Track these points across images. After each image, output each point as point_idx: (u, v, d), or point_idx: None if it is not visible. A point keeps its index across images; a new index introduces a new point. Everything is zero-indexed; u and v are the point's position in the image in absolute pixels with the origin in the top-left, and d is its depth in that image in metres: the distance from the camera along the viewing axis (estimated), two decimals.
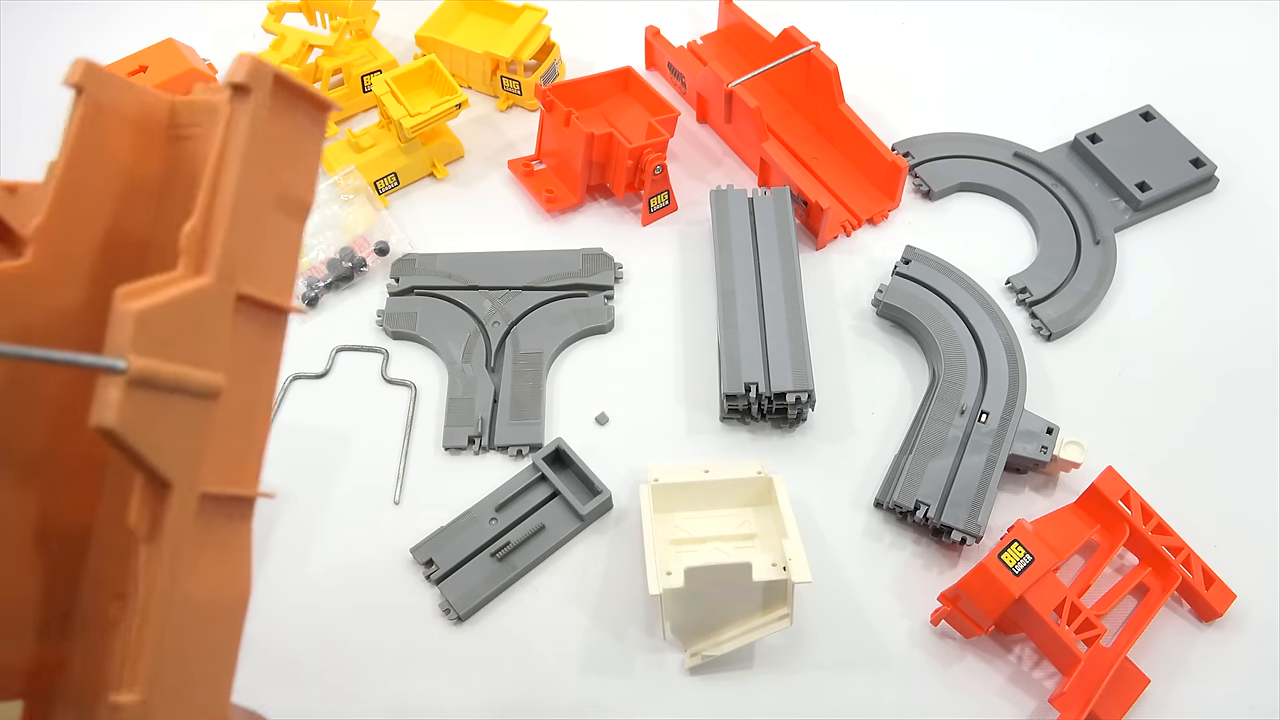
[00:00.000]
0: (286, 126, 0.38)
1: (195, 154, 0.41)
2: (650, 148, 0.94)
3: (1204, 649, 0.75)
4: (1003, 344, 0.85)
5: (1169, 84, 1.10)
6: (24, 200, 0.41)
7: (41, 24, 1.19)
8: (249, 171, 0.37)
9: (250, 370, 0.38)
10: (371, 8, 1.07)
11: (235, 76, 0.36)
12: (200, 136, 0.41)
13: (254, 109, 0.37)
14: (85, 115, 0.39)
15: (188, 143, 0.42)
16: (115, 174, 0.40)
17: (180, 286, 0.34)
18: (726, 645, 0.72)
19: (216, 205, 0.36)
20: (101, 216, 0.40)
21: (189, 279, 0.35)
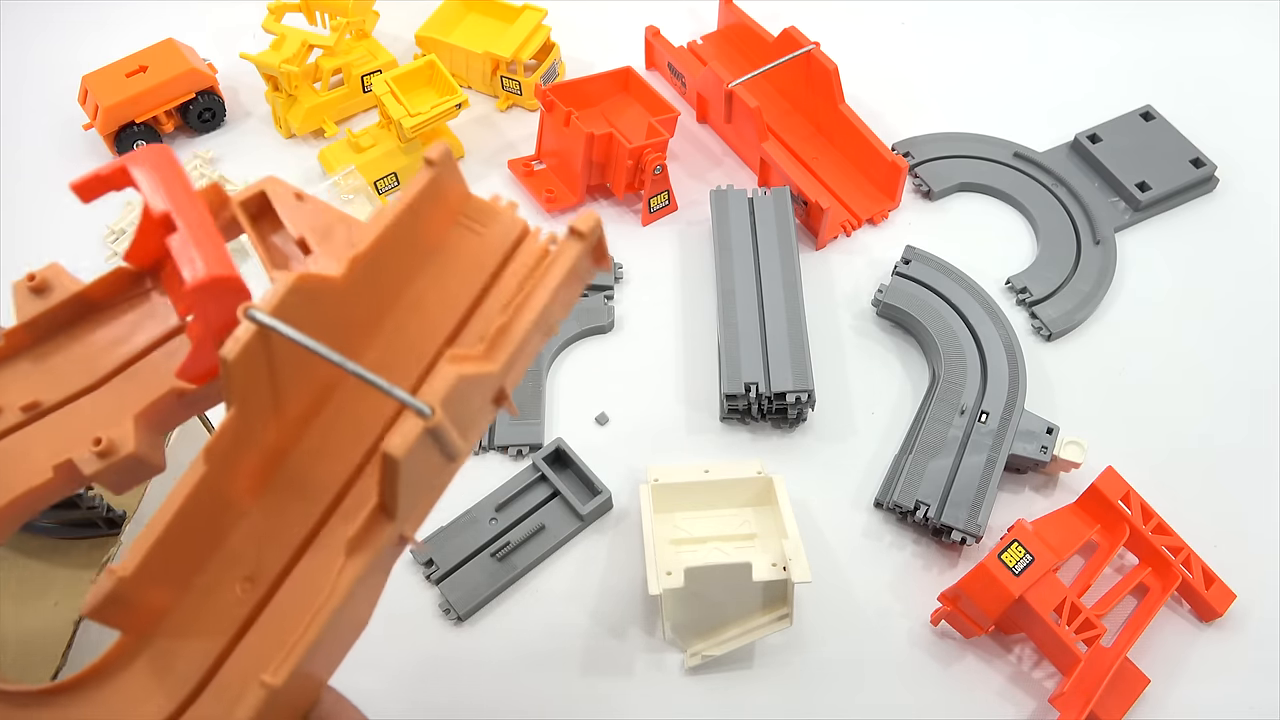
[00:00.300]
0: (583, 269, 0.47)
1: (468, 247, 0.50)
2: (650, 148, 0.94)
3: (1204, 649, 0.75)
4: (1003, 344, 0.85)
5: (1169, 84, 1.10)
6: (310, 211, 0.48)
7: (41, 24, 1.19)
8: (554, 295, 0.45)
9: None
10: (371, 8, 1.07)
11: (580, 225, 0.45)
12: (480, 234, 0.50)
13: (581, 252, 0.46)
14: (427, 189, 0.46)
15: (467, 234, 0.50)
16: (416, 236, 0.47)
17: (479, 366, 0.42)
18: (726, 645, 0.72)
19: (524, 311, 0.44)
20: (392, 265, 0.47)
21: (485, 362, 0.42)
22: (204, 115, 1.06)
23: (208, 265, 0.44)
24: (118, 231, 0.96)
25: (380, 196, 1.00)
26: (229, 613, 0.46)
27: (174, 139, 1.08)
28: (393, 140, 1.00)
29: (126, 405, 0.47)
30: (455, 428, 0.41)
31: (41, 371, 0.49)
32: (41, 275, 0.49)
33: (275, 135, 1.08)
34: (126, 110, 1.01)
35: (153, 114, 1.03)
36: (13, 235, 1.00)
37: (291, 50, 1.02)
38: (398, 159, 1.01)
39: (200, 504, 0.44)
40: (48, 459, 0.46)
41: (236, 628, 0.46)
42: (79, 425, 0.48)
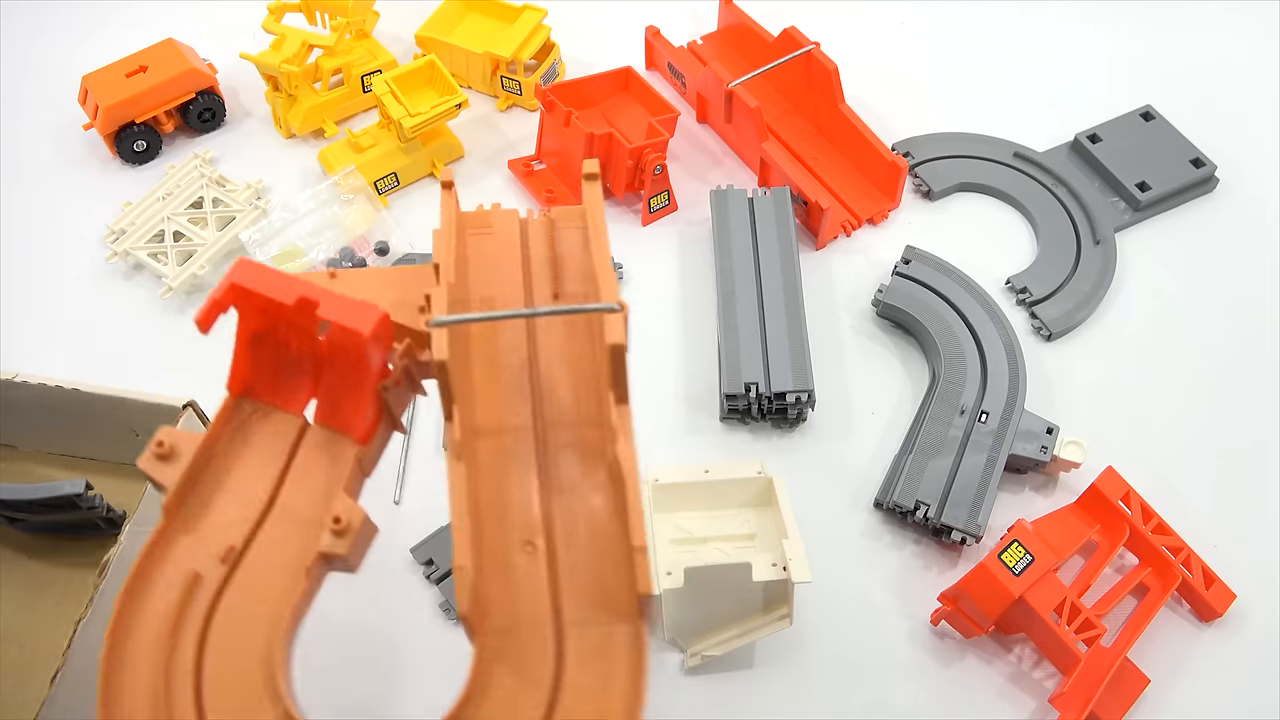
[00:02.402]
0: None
1: (489, 246, 0.60)
2: (650, 148, 0.94)
3: (1204, 649, 0.75)
4: (1003, 344, 0.85)
5: (1169, 84, 1.10)
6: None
7: (41, 24, 1.19)
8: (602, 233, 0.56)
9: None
10: (371, 8, 1.07)
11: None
12: (491, 234, 0.61)
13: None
14: (457, 208, 0.58)
15: (484, 238, 0.61)
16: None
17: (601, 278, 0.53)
18: (726, 645, 0.72)
19: (597, 254, 0.55)
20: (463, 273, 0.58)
21: (608, 286, 0.53)
22: (204, 115, 1.06)
23: (368, 311, 0.51)
24: (117, 231, 0.96)
25: (380, 196, 1.00)
26: (532, 581, 0.50)
27: (174, 139, 1.08)
28: (393, 140, 1.00)
29: (314, 503, 0.52)
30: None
31: (207, 525, 0.51)
32: (168, 443, 0.51)
33: (275, 135, 1.08)
34: (126, 110, 1.01)
35: (153, 114, 1.03)
36: (13, 235, 1.00)
37: (291, 50, 1.02)
38: (398, 159, 1.01)
39: (474, 487, 0.52)
40: (290, 573, 0.50)
41: (547, 591, 0.50)
42: (285, 539, 0.51)
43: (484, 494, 0.52)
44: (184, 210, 0.98)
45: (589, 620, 0.50)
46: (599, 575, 0.51)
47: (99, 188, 1.03)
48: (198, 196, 0.99)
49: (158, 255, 0.95)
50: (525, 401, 0.55)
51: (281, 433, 0.54)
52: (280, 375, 0.55)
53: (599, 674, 0.48)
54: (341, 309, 0.51)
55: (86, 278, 0.96)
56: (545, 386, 0.56)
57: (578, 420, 0.55)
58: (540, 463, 0.54)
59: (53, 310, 0.94)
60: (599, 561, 0.51)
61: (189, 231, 0.96)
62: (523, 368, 0.56)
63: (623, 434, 0.52)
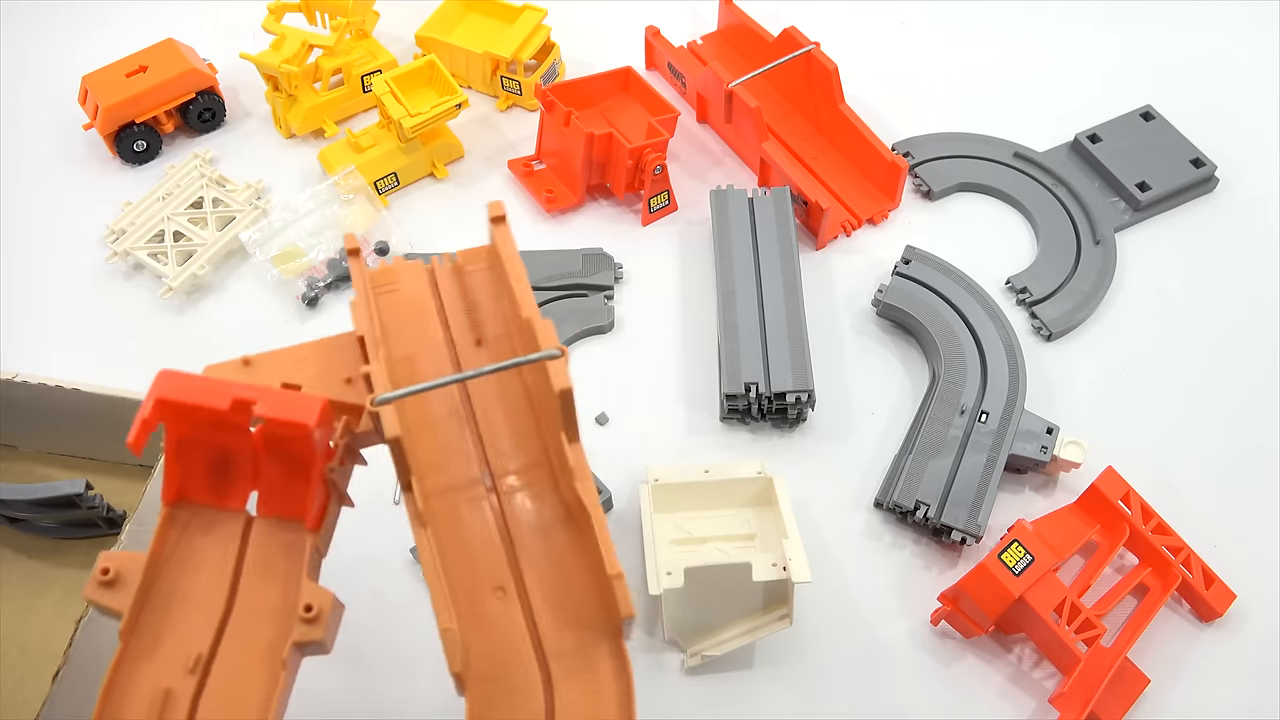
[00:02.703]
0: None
1: (397, 302, 0.62)
2: (650, 148, 0.94)
3: (1204, 649, 0.75)
4: (1003, 344, 0.85)
5: (1169, 84, 1.10)
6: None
7: (41, 24, 1.19)
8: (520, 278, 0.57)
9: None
10: (371, 8, 1.07)
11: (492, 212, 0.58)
12: (398, 290, 0.62)
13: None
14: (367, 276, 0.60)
15: (391, 295, 0.62)
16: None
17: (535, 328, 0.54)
18: (726, 645, 0.72)
19: (518, 299, 0.57)
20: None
21: (538, 324, 0.54)
22: (204, 115, 1.06)
23: (308, 402, 0.52)
24: (117, 231, 0.96)
25: (380, 196, 1.00)
26: (510, 624, 0.53)
27: (174, 139, 1.08)
28: (393, 140, 1.00)
29: (277, 594, 0.53)
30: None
31: (169, 640, 0.51)
32: (113, 568, 0.51)
33: (275, 135, 1.08)
34: (126, 110, 1.01)
35: (153, 114, 1.03)
36: (13, 235, 1.00)
37: (291, 50, 1.02)
38: (398, 159, 1.01)
39: (442, 548, 0.53)
40: (266, 667, 0.51)
41: (526, 631, 0.53)
42: (254, 636, 0.52)
43: (450, 551, 0.54)
44: (184, 210, 0.98)
45: (570, 651, 0.52)
46: (573, 605, 0.53)
47: (99, 188, 1.03)
48: (198, 196, 0.99)
49: (158, 255, 0.95)
50: (470, 454, 0.57)
51: (227, 533, 0.55)
52: (215, 476, 0.55)
53: (589, 698, 0.51)
54: (280, 404, 0.52)
55: (86, 278, 0.96)
56: (485, 434, 0.58)
57: (525, 465, 0.57)
58: (496, 510, 0.56)
59: (53, 310, 0.94)
60: (570, 593, 0.53)
61: (189, 231, 0.96)
62: (455, 417, 0.58)
63: (579, 473, 0.53)
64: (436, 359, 0.59)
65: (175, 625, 0.52)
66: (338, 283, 0.94)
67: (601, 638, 0.52)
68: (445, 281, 0.62)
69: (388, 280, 0.63)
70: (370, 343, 0.55)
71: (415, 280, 0.63)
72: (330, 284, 0.94)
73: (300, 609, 0.50)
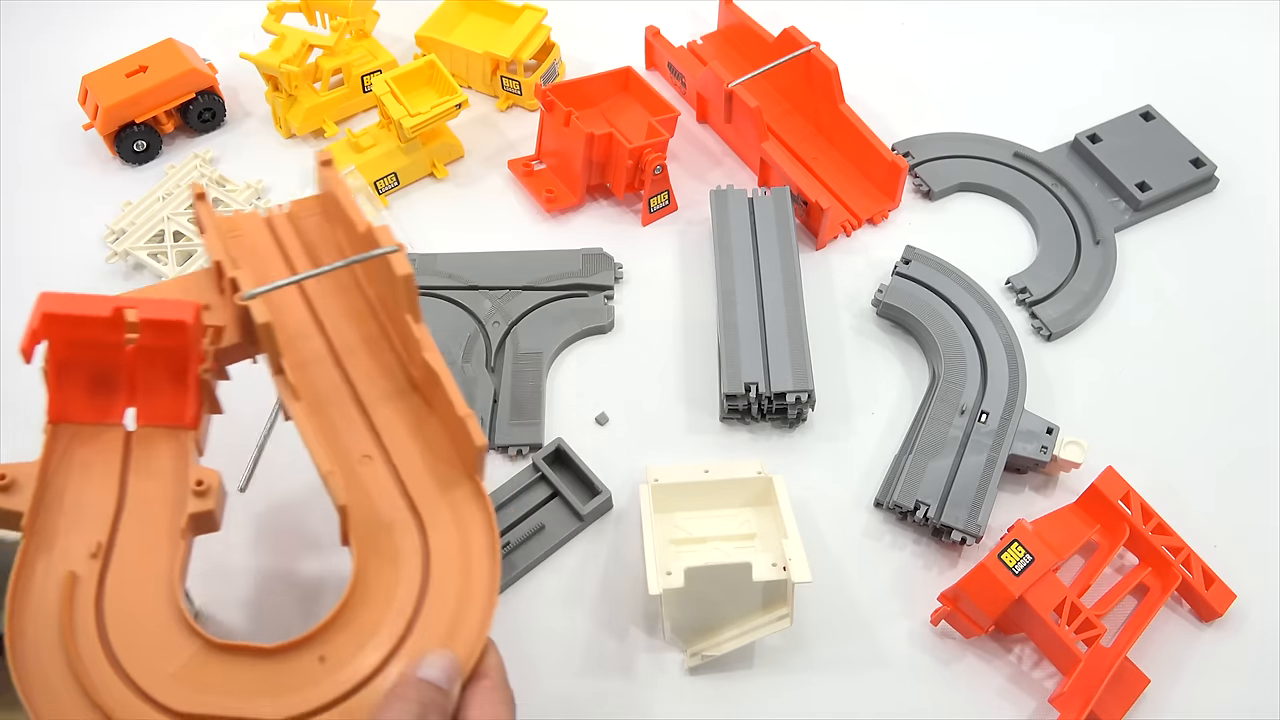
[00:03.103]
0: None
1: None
2: (650, 148, 0.94)
3: (1204, 649, 0.75)
4: (1003, 344, 0.85)
5: (1169, 84, 1.10)
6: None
7: (41, 24, 1.19)
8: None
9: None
10: (371, 8, 1.07)
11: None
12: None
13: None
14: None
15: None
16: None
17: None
18: (726, 645, 0.72)
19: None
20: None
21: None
22: (204, 115, 1.06)
23: (183, 304, 0.61)
24: (117, 231, 0.96)
25: (380, 196, 1.00)
26: (379, 482, 0.62)
27: (174, 139, 1.08)
28: (393, 140, 1.00)
29: (166, 485, 0.61)
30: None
31: (68, 535, 0.58)
32: (9, 475, 0.58)
33: (275, 135, 1.08)
34: (126, 110, 1.01)
35: (153, 114, 1.03)
36: (13, 235, 1.00)
37: (291, 50, 1.02)
38: (398, 159, 1.01)
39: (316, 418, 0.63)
40: (167, 542, 0.59)
41: (395, 486, 0.62)
42: (150, 521, 0.60)
43: (320, 429, 0.63)
44: (184, 210, 0.98)
45: (436, 495, 0.62)
46: (431, 457, 0.63)
47: (99, 188, 1.03)
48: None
49: (157, 255, 0.95)
50: (325, 357, 0.67)
51: (109, 442, 0.62)
52: (94, 394, 0.62)
53: (459, 531, 0.61)
54: (159, 308, 0.60)
55: (86, 278, 0.96)
56: (336, 340, 0.68)
57: (374, 356, 0.67)
58: (353, 394, 0.66)
59: None
60: (427, 446, 0.64)
61: (189, 231, 0.96)
62: (307, 334, 0.68)
63: (425, 344, 0.63)
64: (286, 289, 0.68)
65: (72, 522, 0.59)
66: None
67: (461, 477, 0.62)
68: (283, 227, 0.71)
69: (231, 228, 0.70)
70: (227, 263, 0.63)
71: (256, 228, 0.70)
72: None
73: (191, 484, 0.59)
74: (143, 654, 0.56)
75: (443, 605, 0.59)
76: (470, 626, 0.58)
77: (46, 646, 0.54)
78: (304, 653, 0.58)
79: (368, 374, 0.66)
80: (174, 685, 0.55)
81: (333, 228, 0.71)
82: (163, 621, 0.57)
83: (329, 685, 0.56)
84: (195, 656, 0.56)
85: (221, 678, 0.56)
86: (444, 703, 0.56)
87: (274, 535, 0.80)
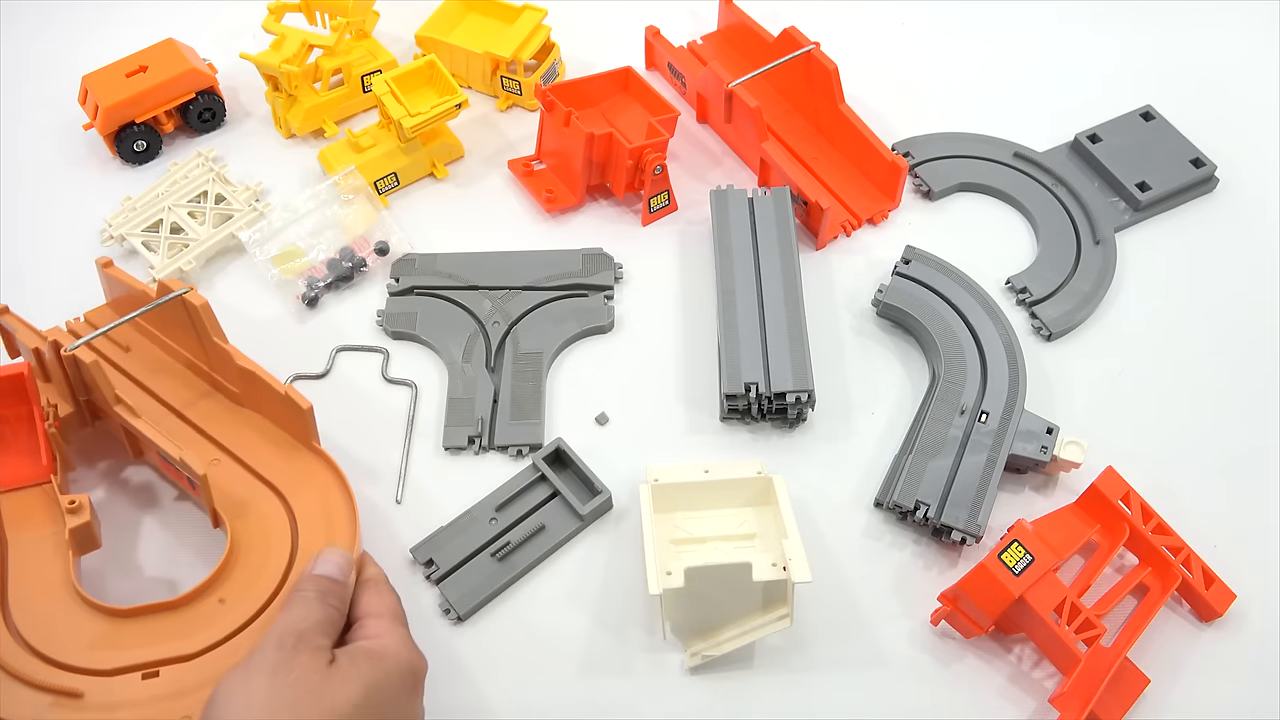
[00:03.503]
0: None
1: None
2: (650, 148, 0.94)
3: (1204, 649, 0.75)
4: (1003, 344, 0.85)
5: (1169, 84, 1.10)
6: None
7: (41, 24, 1.19)
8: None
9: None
10: (371, 8, 1.07)
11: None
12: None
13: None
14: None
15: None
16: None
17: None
18: (726, 645, 0.72)
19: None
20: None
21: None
22: (204, 115, 1.06)
23: (14, 366, 0.76)
24: (117, 236, 0.96)
25: (380, 196, 1.00)
26: (233, 474, 0.77)
27: (174, 139, 1.08)
28: (393, 140, 1.00)
29: (41, 524, 0.74)
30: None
31: None
32: None
33: (275, 135, 1.08)
34: (126, 110, 1.01)
35: (153, 114, 1.03)
36: (13, 235, 1.00)
37: (291, 50, 1.02)
38: (398, 159, 1.01)
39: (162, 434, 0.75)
40: (58, 560, 0.72)
41: (246, 473, 0.77)
42: (36, 549, 0.73)
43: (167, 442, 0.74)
44: (186, 203, 0.98)
45: (285, 468, 0.77)
46: (270, 442, 0.78)
47: (99, 188, 1.03)
48: (202, 190, 0.99)
49: (150, 244, 0.95)
50: (158, 408, 0.81)
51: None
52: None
53: (315, 491, 0.75)
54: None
55: (87, 277, 0.96)
56: (161, 392, 0.82)
57: (197, 389, 0.82)
58: (188, 418, 0.80)
59: (53, 310, 0.94)
60: (266, 430, 0.79)
61: (186, 225, 0.96)
62: (137, 392, 0.82)
63: (236, 354, 0.76)
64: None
65: None
66: (337, 283, 0.94)
67: (301, 447, 0.78)
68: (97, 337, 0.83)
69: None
70: (42, 343, 0.76)
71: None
72: (330, 284, 0.94)
73: (64, 505, 0.71)
74: (56, 637, 0.69)
75: (314, 533, 0.73)
76: (343, 543, 0.71)
77: None
78: (204, 599, 0.71)
79: (198, 398, 0.82)
80: (92, 652, 0.68)
81: (134, 305, 0.81)
82: (69, 612, 0.70)
83: (232, 619, 0.69)
84: (108, 627, 0.69)
85: (136, 637, 0.69)
86: (341, 592, 0.64)
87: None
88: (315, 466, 0.77)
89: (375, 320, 0.92)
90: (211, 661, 0.68)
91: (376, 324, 0.92)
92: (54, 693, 0.66)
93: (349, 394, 0.88)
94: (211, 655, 0.68)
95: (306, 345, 0.91)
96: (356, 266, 0.94)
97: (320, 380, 0.89)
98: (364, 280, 0.95)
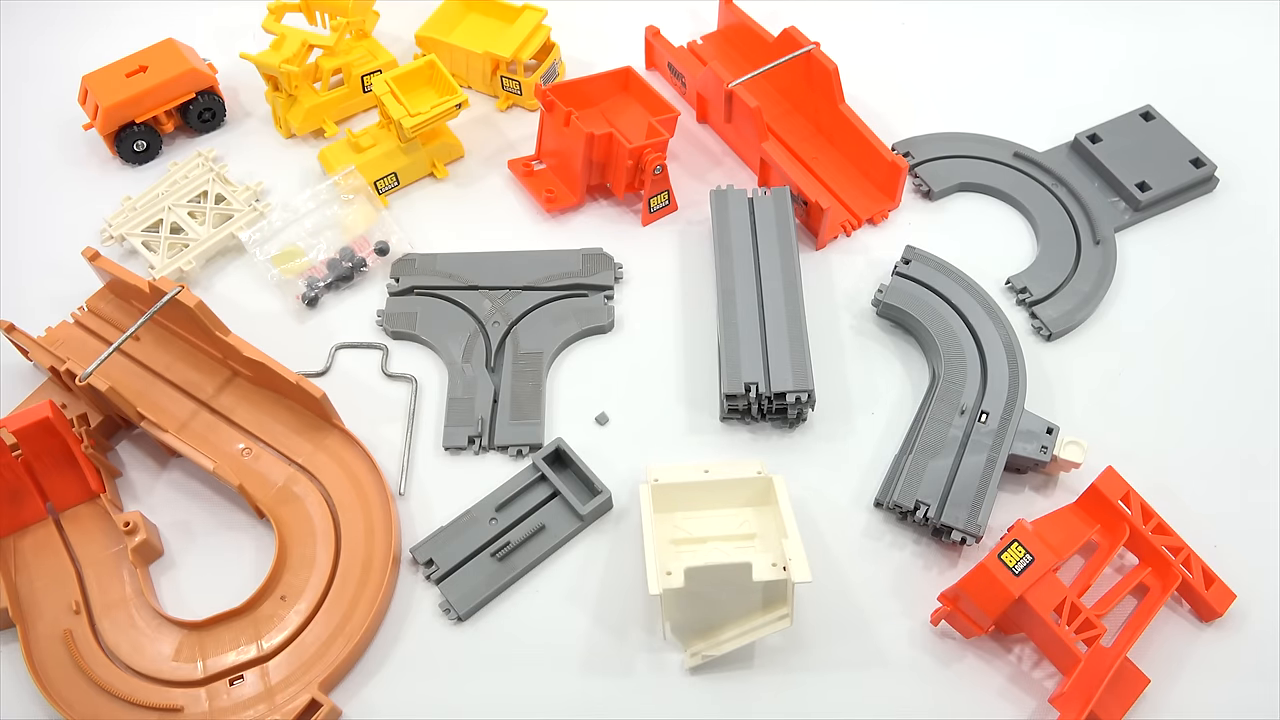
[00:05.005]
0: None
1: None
2: (650, 148, 0.94)
3: (1204, 649, 0.75)
4: (1003, 344, 0.85)
5: (1169, 84, 1.10)
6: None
7: (41, 24, 1.19)
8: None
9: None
10: (371, 8, 1.07)
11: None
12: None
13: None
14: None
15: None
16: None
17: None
18: (726, 645, 0.72)
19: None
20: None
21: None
22: (204, 115, 1.06)
23: (37, 409, 0.78)
24: (118, 236, 0.96)
25: (380, 196, 1.00)
26: (263, 462, 0.82)
27: (174, 139, 1.08)
28: (393, 140, 1.00)
29: (105, 541, 0.79)
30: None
31: (51, 605, 0.76)
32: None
33: (275, 135, 1.08)
34: (126, 110, 1.01)
35: (153, 114, 1.03)
36: (14, 234, 1.00)
37: (291, 50, 1.02)
38: (398, 159, 1.01)
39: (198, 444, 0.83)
40: (126, 575, 0.78)
41: (281, 461, 0.82)
42: (109, 567, 0.78)
43: (196, 443, 0.81)
44: (186, 203, 0.98)
45: (311, 450, 0.82)
46: (293, 427, 0.83)
47: (99, 188, 1.03)
48: (202, 190, 0.99)
49: (150, 243, 0.95)
50: (183, 400, 0.86)
51: (46, 534, 0.79)
52: (13, 506, 0.78)
53: (341, 466, 0.81)
54: (20, 419, 0.77)
55: (86, 277, 0.96)
56: (184, 385, 0.86)
57: (216, 383, 0.86)
58: (219, 414, 0.85)
59: (52, 308, 0.94)
60: (287, 421, 0.84)
61: (186, 225, 0.96)
62: (159, 388, 0.87)
63: (245, 347, 0.80)
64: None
65: (45, 598, 0.76)
66: (338, 283, 0.94)
67: (323, 427, 0.83)
68: (91, 322, 0.91)
69: (53, 341, 0.89)
70: (58, 363, 0.81)
71: (71, 334, 0.90)
72: (330, 284, 0.94)
73: (120, 527, 0.76)
74: (145, 654, 0.73)
75: (352, 515, 0.78)
76: (381, 528, 0.77)
77: (69, 682, 0.72)
78: (266, 599, 0.75)
79: (220, 390, 0.86)
80: (177, 665, 0.73)
81: (127, 300, 0.88)
82: (149, 625, 0.75)
83: (296, 615, 0.74)
84: (185, 639, 0.74)
85: (214, 645, 0.74)
86: None
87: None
88: (339, 444, 0.82)
89: (375, 320, 0.92)
90: (287, 659, 0.73)
91: (376, 324, 0.92)
92: (157, 710, 0.71)
93: (349, 391, 0.88)
94: (286, 653, 0.73)
95: (307, 344, 0.91)
96: (356, 266, 0.94)
97: (320, 379, 0.89)
98: (364, 280, 0.95)
